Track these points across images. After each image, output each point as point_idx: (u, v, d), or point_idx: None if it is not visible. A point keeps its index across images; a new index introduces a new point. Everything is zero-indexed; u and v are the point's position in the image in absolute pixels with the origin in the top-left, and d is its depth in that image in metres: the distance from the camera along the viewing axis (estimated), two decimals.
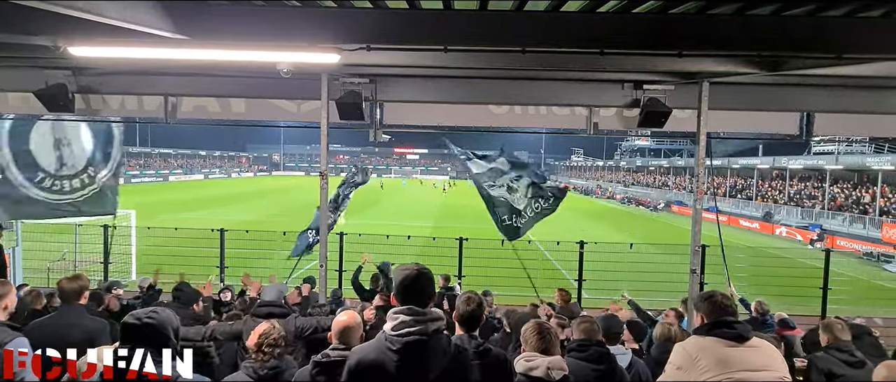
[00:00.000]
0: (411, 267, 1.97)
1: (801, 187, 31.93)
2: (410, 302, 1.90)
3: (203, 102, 5.98)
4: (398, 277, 1.97)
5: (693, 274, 5.53)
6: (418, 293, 1.92)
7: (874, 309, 9.19)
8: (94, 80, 5.63)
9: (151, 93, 5.83)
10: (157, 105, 5.92)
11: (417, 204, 35.08)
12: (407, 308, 1.89)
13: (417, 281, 1.93)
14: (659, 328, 4.02)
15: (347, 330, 2.46)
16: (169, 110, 5.86)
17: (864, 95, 5.50)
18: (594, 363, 2.56)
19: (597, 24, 3.57)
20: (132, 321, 1.97)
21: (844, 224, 24.64)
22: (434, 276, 2.07)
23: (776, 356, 2.31)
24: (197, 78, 5.63)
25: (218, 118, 6.06)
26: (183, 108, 5.96)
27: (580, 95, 5.71)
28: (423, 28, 3.61)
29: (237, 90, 5.74)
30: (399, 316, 1.88)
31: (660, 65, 4.59)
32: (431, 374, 1.84)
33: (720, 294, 2.43)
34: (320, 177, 5.48)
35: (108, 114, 6.02)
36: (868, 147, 28.11)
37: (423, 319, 1.87)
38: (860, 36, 3.46)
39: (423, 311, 1.89)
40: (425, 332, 1.85)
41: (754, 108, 5.76)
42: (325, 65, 4.64)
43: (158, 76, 5.65)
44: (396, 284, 1.96)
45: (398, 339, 1.84)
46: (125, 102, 5.99)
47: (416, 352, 1.83)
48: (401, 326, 1.86)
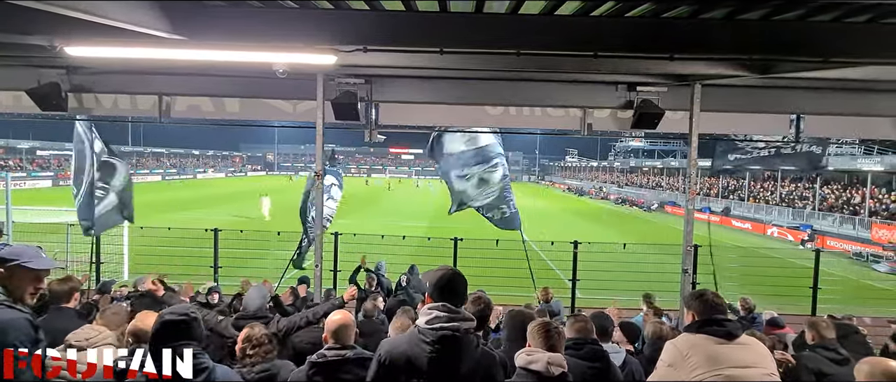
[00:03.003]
0: (446, 269, 2.09)
1: (793, 188, 32.27)
2: (445, 300, 1.99)
3: (197, 102, 5.97)
4: (433, 278, 2.06)
5: (685, 274, 5.61)
6: (453, 292, 2.02)
7: (863, 308, 9.32)
8: (88, 79, 5.61)
9: (145, 92, 5.82)
10: (151, 104, 5.91)
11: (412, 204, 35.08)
12: (441, 304, 1.98)
13: (452, 282, 2.04)
14: (650, 326, 4.06)
15: (343, 329, 2.45)
16: (163, 109, 5.85)
17: (852, 98, 5.60)
18: (589, 360, 2.59)
19: (591, 26, 3.62)
20: (175, 318, 1.97)
21: (835, 224, 24.93)
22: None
23: (765, 353, 2.35)
24: (191, 77, 5.63)
25: (212, 117, 6.06)
26: (177, 108, 5.95)
27: (574, 96, 5.77)
28: (420, 30, 3.64)
29: (232, 90, 5.74)
30: (433, 311, 1.97)
31: (652, 68, 4.65)
32: (462, 369, 1.93)
33: (711, 292, 2.48)
34: (315, 176, 5.50)
35: (101, 114, 5.99)
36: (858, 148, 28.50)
37: (457, 317, 1.97)
38: (846, 40, 3.54)
39: (456, 309, 1.99)
40: (458, 329, 1.94)
41: (746, 110, 5.84)
42: (321, 65, 4.65)
43: (152, 75, 5.64)
44: (431, 284, 2.05)
45: (433, 332, 1.93)
46: (118, 101, 5.96)
47: (450, 346, 1.92)
48: (435, 320, 1.95)
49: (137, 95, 5.91)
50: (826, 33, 3.54)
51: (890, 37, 3.55)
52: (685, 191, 5.98)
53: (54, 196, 35.59)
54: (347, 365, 2.41)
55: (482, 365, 1.97)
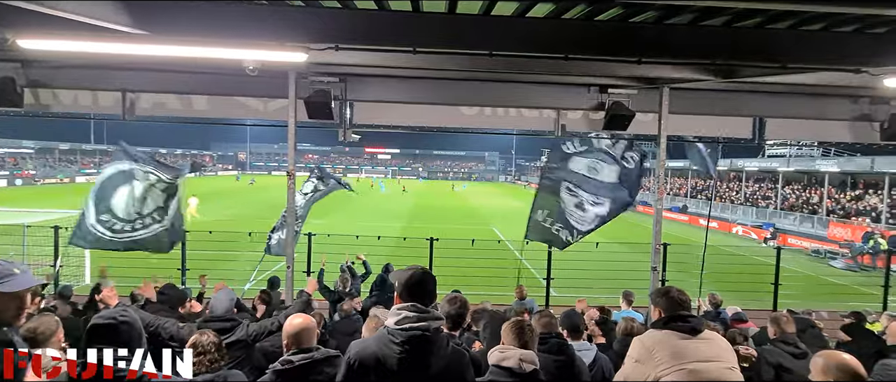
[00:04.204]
0: (415, 268, 2.06)
1: (756, 188, 33.61)
2: (415, 300, 1.97)
3: (163, 99, 5.78)
4: (403, 277, 2.03)
5: (654, 272, 5.76)
6: (422, 292, 2.00)
7: (821, 303, 9.78)
8: (45, 74, 5.35)
9: (107, 88, 5.59)
10: (114, 101, 5.67)
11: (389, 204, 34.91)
12: (411, 304, 1.96)
13: (422, 281, 2.02)
14: (621, 323, 4.16)
15: (305, 332, 2.38)
16: (126, 106, 5.63)
17: (809, 102, 5.88)
18: (554, 354, 2.67)
19: (561, 29, 3.67)
20: (103, 321, 1.93)
21: (795, 223, 26.09)
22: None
23: (726, 347, 2.44)
24: (157, 73, 5.44)
25: (179, 115, 5.87)
26: (141, 105, 5.73)
27: (548, 98, 5.85)
28: (392, 29, 3.62)
29: (200, 87, 5.57)
30: (403, 311, 1.95)
31: (622, 71, 4.76)
32: (432, 369, 1.91)
33: (676, 289, 2.55)
34: (287, 176, 5.39)
35: (60, 110, 5.73)
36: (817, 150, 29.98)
37: (427, 316, 1.94)
38: (803, 47, 3.70)
39: (426, 309, 1.96)
40: (428, 328, 1.92)
41: (711, 113, 6.05)
42: (292, 63, 4.57)
43: (115, 70, 5.42)
44: (401, 283, 2.02)
45: (402, 332, 1.90)
46: (78, 98, 5.71)
47: (420, 346, 1.89)
48: (404, 321, 1.92)
49: (99, 91, 5.68)
50: (784, 40, 3.70)
51: (842, 44, 3.73)
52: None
53: (10, 196, 33.85)
54: (319, 366, 2.37)
55: (453, 364, 1.97)
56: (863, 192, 25.98)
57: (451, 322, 2.46)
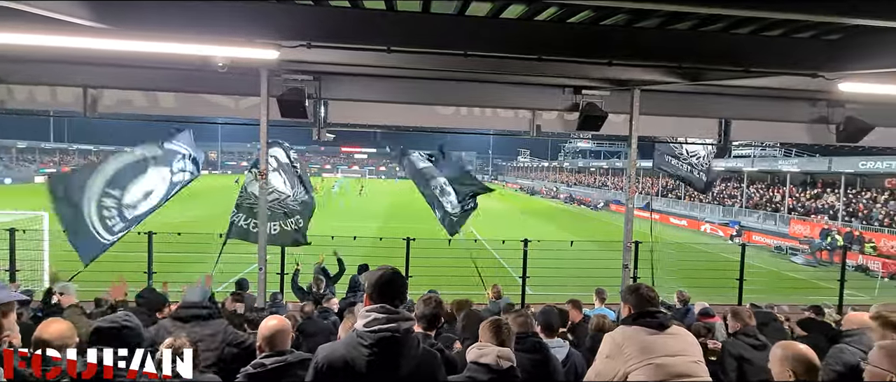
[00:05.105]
0: (384, 269, 2.03)
1: (723, 187, 34.82)
2: (384, 301, 1.94)
3: (128, 95, 5.57)
4: (372, 278, 2.00)
5: (625, 269, 5.90)
6: (392, 293, 1.96)
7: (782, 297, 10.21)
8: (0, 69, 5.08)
9: (68, 84, 5.35)
10: (75, 97, 5.44)
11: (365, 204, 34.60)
12: (380, 306, 1.92)
13: (391, 282, 1.99)
14: (593, 320, 4.25)
15: (280, 334, 2.35)
16: (88, 103, 5.40)
17: (771, 105, 6.14)
18: (530, 353, 2.70)
19: (535, 31, 3.72)
20: (108, 325, 2.04)
21: (759, 221, 27.16)
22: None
23: (692, 341, 2.52)
24: (121, 69, 5.24)
25: (145, 113, 5.66)
26: (104, 102, 5.51)
27: (524, 98, 5.92)
28: (366, 27, 3.60)
29: (167, 83, 5.40)
30: (372, 313, 1.91)
31: (594, 73, 4.86)
32: (402, 371, 1.89)
33: (645, 286, 2.62)
34: (260, 176, 5.28)
35: (15, 106, 5.44)
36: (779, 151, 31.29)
37: (396, 317, 1.91)
38: (764, 52, 3.87)
39: (396, 310, 1.93)
40: (398, 330, 1.89)
41: (681, 115, 6.25)
42: (263, 60, 4.47)
43: (76, 65, 5.19)
44: (370, 285, 1.99)
45: (371, 335, 1.87)
46: (35, 93, 5.45)
47: (389, 348, 1.87)
48: (374, 322, 1.89)
49: (58, 87, 5.43)
50: (746, 45, 3.86)
51: (800, 50, 3.91)
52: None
53: None
54: (292, 369, 2.33)
55: (424, 365, 1.96)
56: (821, 191, 27.26)
57: (425, 323, 2.47)
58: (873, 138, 6.26)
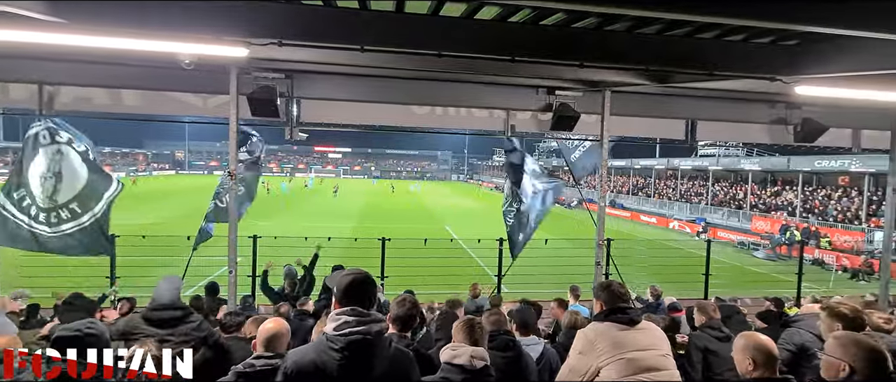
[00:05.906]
0: (354, 272, 2.00)
1: (690, 185, 36.03)
2: (354, 304, 1.91)
3: (88, 93, 5.32)
4: (342, 282, 1.97)
5: (598, 266, 6.03)
6: (362, 295, 1.94)
7: (745, 290, 10.65)
8: None
9: (22, 80, 5.07)
10: (29, 94, 5.15)
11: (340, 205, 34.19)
12: (350, 308, 1.90)
13: (361, 285, 1.96)
14: (567, 316, 4.32)
15: (277, 337, 2.34)
16: (44, 100, 5.13)
17: (734, 107, 6.40)
18: (501, 350, 2.74)
19: (508, 32, 3.76)
20: (71, 333, 2.02)
21: (723, 217, 28.24)
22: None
23: (661, 336, 2.60)
24: (80, 65, 4.99)
25: (107, 111, 5.41)
26: (62, 99, 5.25)
27: (498, 98, 5.97)
28: (338, 26, 3.55)
29: (131, 81, 5.18)
30: (342, 316, 1.89)
31: (567, 74, 4.95)
32: (375, 372, 1.87)
33: (617, 283, 2.69)
34: (229, 176, 5.14)
35: None
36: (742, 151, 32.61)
37: (367, 320, 1.89)
38: (727, 56, 4.03)
39: (366, 312, 1.91)
40: (368, 332, 1.87)
41: (649, 115, 6.43)
42: (232, 58, 4.35)
43: (31, 60, 4.93)
44: (339, 289, 1.96)
45: (341, 338, 1.84)
46: None
47: (360, 351, 1.85)
48: (344, 326, 1.86)
49: (10, 84, 5.14)
50: (712, 48, 4.01)
51: (760, 55, 4.09)
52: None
53: None
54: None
55: (396, 366, 1.95)
56: (780, 189, 28.56)
57: (400, 324, 2.45)
58: (828, 138, 6.62)
